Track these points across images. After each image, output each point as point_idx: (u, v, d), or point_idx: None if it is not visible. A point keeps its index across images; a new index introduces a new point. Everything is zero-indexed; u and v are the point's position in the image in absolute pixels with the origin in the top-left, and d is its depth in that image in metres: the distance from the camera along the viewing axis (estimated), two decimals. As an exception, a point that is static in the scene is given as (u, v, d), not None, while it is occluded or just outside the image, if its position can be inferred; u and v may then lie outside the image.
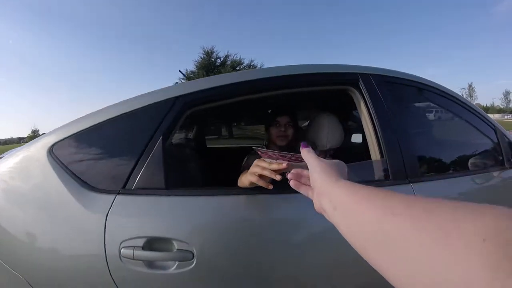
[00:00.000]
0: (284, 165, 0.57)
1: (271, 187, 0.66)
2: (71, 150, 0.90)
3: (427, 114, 1.63)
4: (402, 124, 0.98)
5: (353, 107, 0.99)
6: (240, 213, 0.80)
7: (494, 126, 1.34)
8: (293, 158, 0.55)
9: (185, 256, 0.74)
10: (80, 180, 0.86)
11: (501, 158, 1.25)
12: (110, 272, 0.78)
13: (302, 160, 0.61)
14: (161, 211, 0.79)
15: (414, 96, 1.19)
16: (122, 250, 0.77)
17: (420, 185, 0.93)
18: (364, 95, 0.93)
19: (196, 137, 2.16)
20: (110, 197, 0.82)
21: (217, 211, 0.79)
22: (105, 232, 0.79)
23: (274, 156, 0.59)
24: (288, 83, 0.91)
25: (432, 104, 1.36)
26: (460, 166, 1.23)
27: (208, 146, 2.41)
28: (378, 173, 0.93)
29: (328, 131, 0.97)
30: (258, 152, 0.62)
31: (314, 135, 1.03)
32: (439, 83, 1.24)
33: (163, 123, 0.87)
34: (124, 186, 0.83)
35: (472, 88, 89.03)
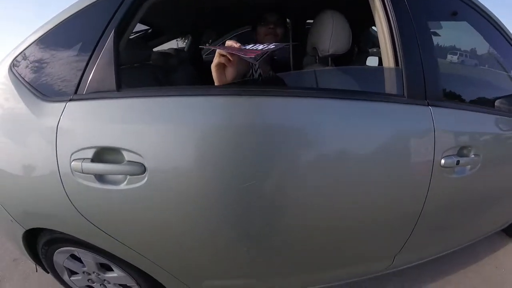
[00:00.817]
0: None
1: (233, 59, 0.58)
2: (28, 62, 0.80)
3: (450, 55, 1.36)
4: (427, 31, 0.74)
5: (366, 4, 0.74)
6: (208, 119, 0.62)
7: None
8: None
9: (136, 170, 0.61)
10: (36, 90, 0.76)
11: None
12: (64, 187, 0.69)
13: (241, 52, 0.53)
14: (111, 117, 0.65)
15: (446, 6, 0.92)
16: (73, 163, 0.66)
17: (441, 111, 0.73)
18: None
19: (190, 49, 2.03)
20: (62, 105, 0.69)
21: (175, 115, 0.63)
22: (57, 144, 0.68)
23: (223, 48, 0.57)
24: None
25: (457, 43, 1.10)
26: (486, 103, 1.01)
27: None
28: (390, 85, 0.72)
29: (333, 32, 0.75)
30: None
31: (316, 37, 0.81)
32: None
33: (116, 16, 0.70)
34: (76, 92, 0.70)
35: None
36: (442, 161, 0.73)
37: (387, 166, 0.68)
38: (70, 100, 0.69)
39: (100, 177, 0.65)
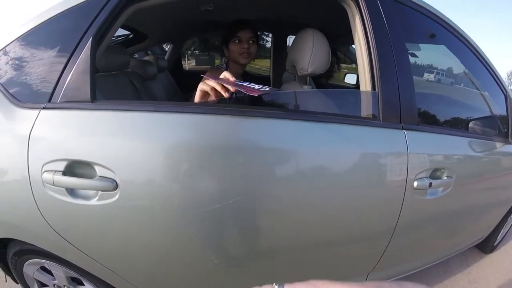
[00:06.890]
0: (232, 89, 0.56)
1: (227, 95, 0.58)
2: (4, 63, 0.71)
3: (426, 73, 1.38)
4: (405, 56, 0.73)
5: (347, 26, 0.73)
6: (183, 136, 0.58)
7: (506, 92, 1.09)
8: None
9: (107, 186, 0.56)
10: (10, 94, 0.68)
11: (505, 130, 1.01)
12: (35, 199, 0.63)
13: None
14: (84, 129, 0.60)
15: (425, 30, 0.91)
16: (44, 174, 0.60)
17: (414, 135, 0.72)
18: (362, 7, 0.67)
19: (170, 57, 1.97)
20: (35, 113, 0.63)
21: (149, 131, 0.58)
22: (28, 153, 0.62)
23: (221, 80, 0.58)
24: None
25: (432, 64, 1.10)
26: (460, 124, 1.01)
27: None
28: (366, 108, 0.71)
29: (313, 52, 0.72)
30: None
31: (296, 55, 0.78)
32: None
33: (95, 23, 0.64)
34: (50, 100, 0.64)
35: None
36: (415, 183, 0.72)
37: (360, 188, 0.67)
38: (44, 108, 0.63)
39: (71, 191, 0.60)
